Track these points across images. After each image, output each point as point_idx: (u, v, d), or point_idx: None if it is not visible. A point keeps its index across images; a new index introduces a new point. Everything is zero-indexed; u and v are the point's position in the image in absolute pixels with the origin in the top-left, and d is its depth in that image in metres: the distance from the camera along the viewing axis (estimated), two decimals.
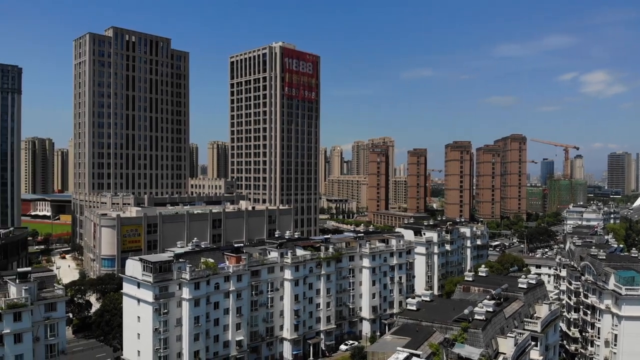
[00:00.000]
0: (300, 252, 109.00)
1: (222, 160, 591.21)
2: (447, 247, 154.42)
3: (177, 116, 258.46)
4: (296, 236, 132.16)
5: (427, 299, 77.11)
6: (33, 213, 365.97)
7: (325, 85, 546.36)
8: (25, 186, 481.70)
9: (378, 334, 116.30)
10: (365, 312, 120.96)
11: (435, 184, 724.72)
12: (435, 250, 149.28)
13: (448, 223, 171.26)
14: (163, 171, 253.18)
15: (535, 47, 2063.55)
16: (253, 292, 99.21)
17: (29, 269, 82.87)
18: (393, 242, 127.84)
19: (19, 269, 79.61)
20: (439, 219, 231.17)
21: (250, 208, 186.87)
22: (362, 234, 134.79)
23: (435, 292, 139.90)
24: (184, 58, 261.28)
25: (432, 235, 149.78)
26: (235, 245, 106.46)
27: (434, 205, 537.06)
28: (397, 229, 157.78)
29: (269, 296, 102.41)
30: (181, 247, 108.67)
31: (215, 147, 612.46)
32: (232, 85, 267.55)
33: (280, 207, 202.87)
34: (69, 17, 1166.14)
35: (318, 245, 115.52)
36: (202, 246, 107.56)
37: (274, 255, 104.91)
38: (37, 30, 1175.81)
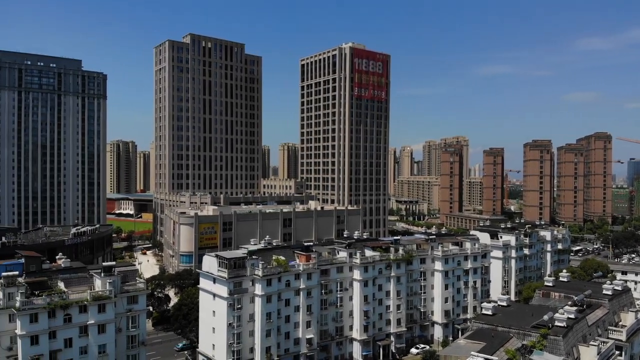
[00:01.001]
0: (369, 252, 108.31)
1: (293, 161, 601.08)
2: (526, 251, 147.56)
3: (251, 119, 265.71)
4: (365, 237, 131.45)
5: (504, 304, 74.10)
6: (117, 211, 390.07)
7: (395, 84, 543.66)
8: (111, 186, 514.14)
9: (450, 338, 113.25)
10: (437, 316, 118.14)
11: (513, 185, 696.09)
12: (513, 254, 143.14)
13: (527, 226, 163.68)
14: (237, 172, 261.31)
15: (619, 40, 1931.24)
16: (323, 291, 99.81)
17: (113, 263, 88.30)
18: (467, 245, 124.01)
19: (104, 263, 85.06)
20: (517, 221, 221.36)
21: (319, 208, 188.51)
22: (434, 236, 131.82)
23: (512, 297, 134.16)
24: (257, 62, 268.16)
25: (510, 238, 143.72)
26: (305, 244, 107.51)
27: (512, 208, 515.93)
28: (472, 232, 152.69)
29: (339, 295, 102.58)
30: (254, 244, 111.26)
31: (286, 149, 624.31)
32: (302, 88, 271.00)
33: (349, 207, 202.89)
34: (149, 24, 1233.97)
35: (387, 247, 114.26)
36: (274, 244, 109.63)
37: (342, 255, 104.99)
38: (120, 39, 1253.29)
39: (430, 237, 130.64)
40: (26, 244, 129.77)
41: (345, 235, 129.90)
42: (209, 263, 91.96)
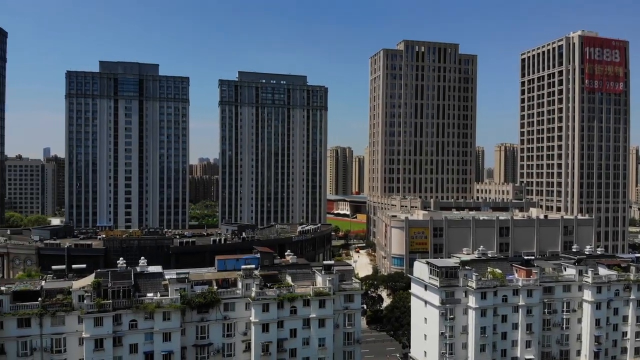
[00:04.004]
0: (603, 271, 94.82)
1: (510, 163, 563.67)
2: None
3: (464, 120, 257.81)
4: (598, 252, 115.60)
5: None
6: (335, 211, 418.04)
7: (636, 73, 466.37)
8: (330, 188, 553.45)
9: None
10: None
11: None
12: None
13: None
14: (449, 175, 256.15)
15: None
16: (545, 310, 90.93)
17: (333, 262, 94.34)
18: None
19: (324, 262, 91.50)
20: None
21: (541, 216, 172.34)
22: None
23: None
24: (471, 61, 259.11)
25: None
26: (525, 257, 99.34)
27: None
28: None
29: (564, 317, 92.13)
30: (467, 253, 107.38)
31: (503, 150, 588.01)
32: (522, 84, 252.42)
33: (579, 216, 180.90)
34: (364, 37, 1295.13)
35: (626, 265, 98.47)
36: (489, 255, 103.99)
37: (570, 272, 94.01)
38: (336, 52, 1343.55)
39: None
40: (261, 239, 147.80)
41: (573, 249, 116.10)
42: (420, 269, 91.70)
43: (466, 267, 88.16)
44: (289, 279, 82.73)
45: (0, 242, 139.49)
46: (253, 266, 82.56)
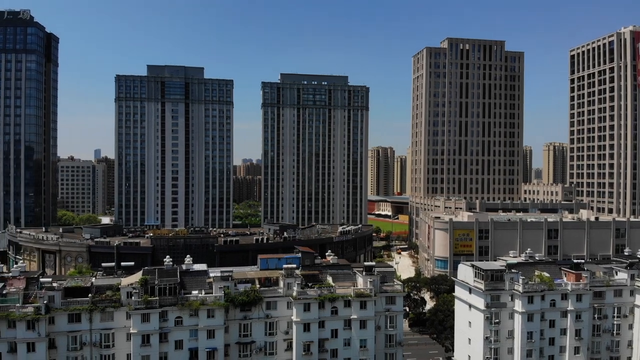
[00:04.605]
0: None
1: (559, 163, 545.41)
2: None
3: (510, 119, 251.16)
4: None
5: None
6: (376, 212, 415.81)
7: None
8: (371, 189, 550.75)
9: None
10: None
11: None
12: None
13: None
14: (495, 176, 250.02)
15: None
16: (595, 315, 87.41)
17: (374, 263, 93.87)
18: None
19: (365, 263, 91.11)
20: None
21: (592, 218, 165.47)
22: None
23: None
24: (518, 59, 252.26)
25: None
26: (575, 260, 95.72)
27: None
28: None
29: (615, 322, 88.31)
30: (513, 256, 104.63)
31: (551, 149, 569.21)
32: (572, 81, 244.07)
33: (632, 219, 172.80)
34: (406, 35, 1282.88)
35: None
36: (537, 258, 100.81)
37: (622, 276, 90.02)
38: (377, 51, 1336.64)
39: None
40: (302, 239, 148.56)
41: (626, 253, 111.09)
42: (465, 272, 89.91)
43: (512, 271, 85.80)
44: (329, 279, 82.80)
45: (53, 240, 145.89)
46: (294, 266, 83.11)
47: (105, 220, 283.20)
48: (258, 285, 79.06)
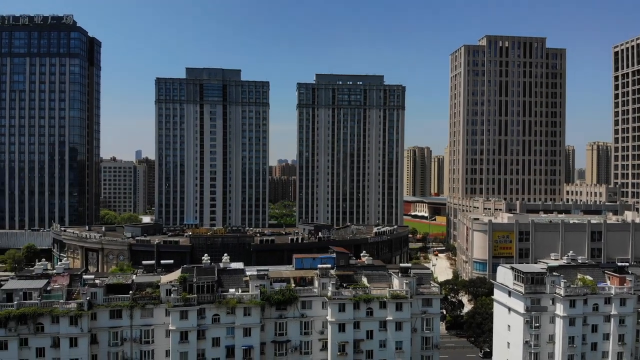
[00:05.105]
0: None
1: (603, 163, 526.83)
2: None
3: (552, 118, 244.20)
4: None
5: None
6: (412, 213, 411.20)
7: None
8: (407, 189, 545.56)
9: None
10: None
11: None
12: None
13: None
14: (536, 176, 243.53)
15: None
16: (639, 320, 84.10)
17: (410, 265, 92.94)
18: None
19: (401, 264, 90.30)
20: None
21: (637, 220, 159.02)
22: None
23: None
24: (560, 56, 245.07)
25: None
26: (619, 263, 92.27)
27: None
28: None
29: None
30: (555, 259, 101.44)
31: (595, 149, 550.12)
32: (615, 78, 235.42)
33: None
34: (443, 32, 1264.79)
35: None
36: (579, 261, 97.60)
37: None
38: (415, 49, 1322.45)
39: None
40: (337, 239, 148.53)
41: None
42: (504, 274, 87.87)
43: (554, 274, 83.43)
44: (364, 280, 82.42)
45: (96, 239, 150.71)
46: (329, 266, 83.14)
47: (146, 219, 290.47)
48: (293, 285, 79.46)
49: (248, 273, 79.74)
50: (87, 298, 70.40)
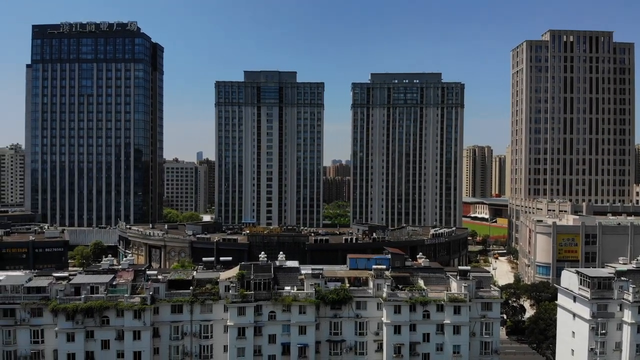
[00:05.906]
0: None
1: None
2: None
3: (621, 115, 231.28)
4: None
5: None
6: (472, 215, 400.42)
7: None
8: (466, 190, 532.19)
9: None
10: None
11: None
12: None
13: None
14: (603, 176, 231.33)
15: None
16: None
17: (469, 267, 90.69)
18: None
19: (459, 267, 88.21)
20: None
21: None
22: None
23: None
24: (628, 50, 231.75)
25: None
26: None
27: None
28: None
29: None
30: (623, 263, 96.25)
31: None
32: None
33: None
34: (503, 27, 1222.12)
35: None
36: None
37: None
38: (473, 45, 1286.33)
39: None
40: (392, 240, 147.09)
41: None
42: (569, 279, 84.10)
43: (622, 278, 78.99)
44: (421, 282, 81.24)
45: (159, 236, 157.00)
46: (384, 267, 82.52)
47: (206, 218, 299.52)
48: (347, 285, 79.48)
49: (303, 271, 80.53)
50: (150, 293, 73.36)
